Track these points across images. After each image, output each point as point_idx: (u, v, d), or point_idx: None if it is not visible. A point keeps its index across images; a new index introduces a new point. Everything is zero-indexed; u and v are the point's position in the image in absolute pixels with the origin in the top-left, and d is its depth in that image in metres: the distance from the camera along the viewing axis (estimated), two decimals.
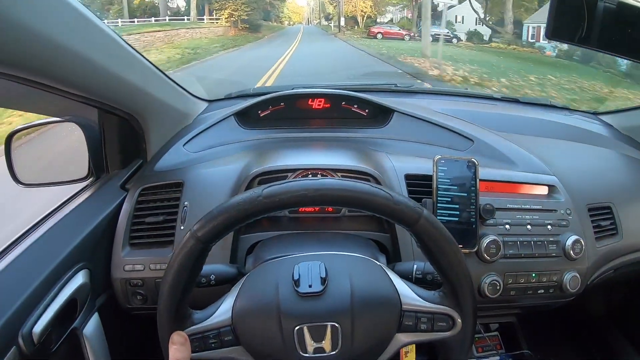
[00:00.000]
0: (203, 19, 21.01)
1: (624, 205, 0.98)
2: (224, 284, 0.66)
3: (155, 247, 0.80)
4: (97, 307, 0.75)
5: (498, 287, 0.78)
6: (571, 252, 0.82)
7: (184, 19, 19.86)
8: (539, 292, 0.83)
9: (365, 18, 24.87)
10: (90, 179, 0.88)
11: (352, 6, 25.57)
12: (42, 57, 0.55)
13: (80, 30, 0.62)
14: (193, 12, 20.76)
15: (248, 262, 0.74)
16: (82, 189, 0.87)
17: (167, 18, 18.93)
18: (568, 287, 0.82)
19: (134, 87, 0.81)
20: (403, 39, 18.02)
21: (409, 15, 22.38)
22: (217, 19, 21.63)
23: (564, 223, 0.86)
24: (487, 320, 0.93)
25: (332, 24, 27.26)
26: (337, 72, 7.83)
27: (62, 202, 0.82)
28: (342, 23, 24.64)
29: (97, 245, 0.77)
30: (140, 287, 0.78)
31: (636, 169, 1.10)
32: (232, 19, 21.78)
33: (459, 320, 0.55)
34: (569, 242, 0.83)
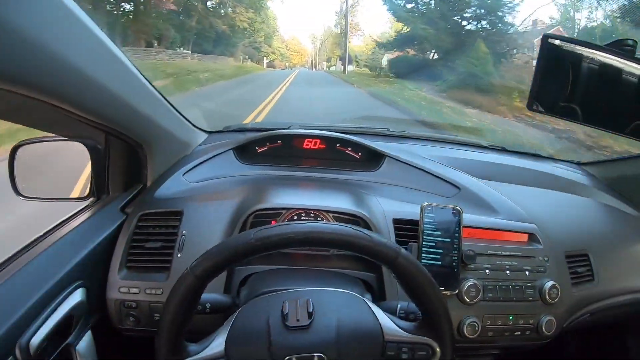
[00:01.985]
0: None
1: (601, 253, 1.02)
2: (218, 312, 0.69)
3: (151, 272, 0.82)
4: (90, 325, 0.76)
5: (477, 328, 0.82)
6: (547, 297, 0.86)
7: None
8: (515, 333, 0.86)
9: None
10: (91, 199, 0.90)
11: None
12: (62, 80, 0.59)
13: (99, 57, 0.66)
14: None
15: (242, 293, 0.77)
16: (82, 209, 0.88)
17: None
18: (544, 329, 0.86)
19: (144, 116, 0.85)
20: None
21: None
22: None
23: (542, 269, 0.90)
24: None
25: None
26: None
27: (62, 219, 0.83)
28: None
29: (95, 265, 0.79)
30: (134, 309, 0.80)
31: (614, 217, 1.15)
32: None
33: (438, 349, 0.59)
34: (546, 287, 0.87)
